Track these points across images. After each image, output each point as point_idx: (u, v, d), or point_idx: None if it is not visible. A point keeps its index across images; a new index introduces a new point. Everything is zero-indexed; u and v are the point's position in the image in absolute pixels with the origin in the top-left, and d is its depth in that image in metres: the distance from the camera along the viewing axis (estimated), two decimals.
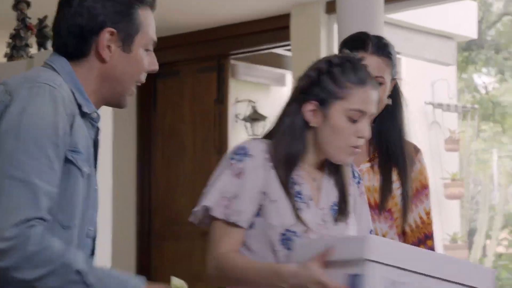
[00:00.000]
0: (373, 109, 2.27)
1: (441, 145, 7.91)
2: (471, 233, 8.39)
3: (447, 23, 7.51)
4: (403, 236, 2.57)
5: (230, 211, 2.24)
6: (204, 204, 2.27)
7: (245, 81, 7.30)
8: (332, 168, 2.34)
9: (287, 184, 2.26)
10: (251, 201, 2.25)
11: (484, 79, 12.14)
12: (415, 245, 2.55)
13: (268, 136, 2.33)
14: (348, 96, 2.25)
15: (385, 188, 2.51)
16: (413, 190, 2.55)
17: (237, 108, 7.27)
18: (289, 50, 6.42)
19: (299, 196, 2.28)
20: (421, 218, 2.54)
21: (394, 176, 2.53)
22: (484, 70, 11.83)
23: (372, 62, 2.46)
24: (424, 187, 2.57)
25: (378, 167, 2.53)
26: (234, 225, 2.25)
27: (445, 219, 7.89)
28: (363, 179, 2.49)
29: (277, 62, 7.34)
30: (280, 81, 7.57)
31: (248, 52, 6.79)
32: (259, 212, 2.27)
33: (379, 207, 2.51)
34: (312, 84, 2.28)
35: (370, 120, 2.28)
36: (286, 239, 2.26)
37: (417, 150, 2.58)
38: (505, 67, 11.27)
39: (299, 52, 6.16)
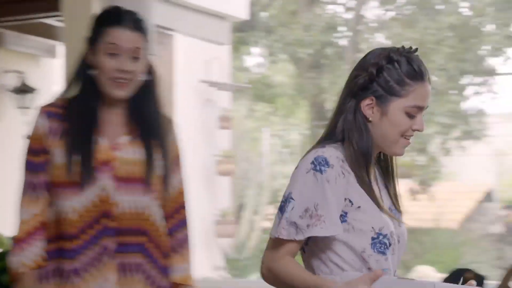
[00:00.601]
0: (427, 103, 2.23)
1: (214, 123, 8.01)
2: (240, 208, 8.57)
3: (221, 3, 7.60)
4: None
5: (314, 222, 2.15)
6: (292, 220, 2.16)
7: (13, 51, 7.05)
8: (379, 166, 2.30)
9: (369, 185, 2.20)
10: (337, 210, 2.17)
11: (257, 60, 12.43)
12: (171, 215, 2.52)
13: (329, 137, 2.25)
14: (408, 94, 2.20)
15: (150, 162, 2.48)
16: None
17: (4, 79, 7.01)
18: (61, 21, 6.25)
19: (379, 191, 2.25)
20: (175, 188, 2.53)
21: (154, 149, 2.50)
22: (257, 51, 12.10)
23: (127, 37, 2.42)
24: (177, 157, 2.56)
25: (140, 141, 2.49)
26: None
27: (216, 195, 8.01)
28: (124, 152, 2.44)
29: (48, 32, 7.13)
30: (51, 53, 7.37)
31: (17, 20, 6.54)
32: (345, 219, 2.19)
33: (145, 181, 2.47)
34: (371, 80, 2.22)
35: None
36: (379, 242, 2.19)
37: (171, 122, 2.57)
38: (276, 49, 11.57)
39: (70, 24, 5.99)
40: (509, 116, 13.00)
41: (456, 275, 3.21)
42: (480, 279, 3.16)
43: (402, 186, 10.36)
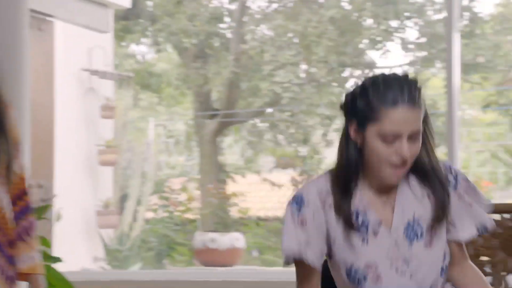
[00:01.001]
0: (409, 128, 2.20)
1: (97, 112, 7.93)
2: (123, 199, 8.53)
3: None
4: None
5: (305, 256, 2.27)
6: (286, 254, 2.30)
7: None
8: (418, 182, 2.29)
9: (348, 217, 2.25)
10: (320, 244, 2.28)
11: (141, 49, 12.35)
12: (13, 202, 2.46)
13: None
14: (380, 118, 2.19)
15: None
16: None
17: None
18: None
19: (364, 226, 2.26)
20: (17, 174, 2.47)
21: None
22: (141, 40, 12.01)
23: None
24: (17, 142, 2.48)
25: None
26: (310, 267, 2.29)
27: (99, 185, 7.94)
28: None
29: None
30: None
31: None
32: (329, 252, 2.31)
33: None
34: (350, 104, 2.25)
35: (413, 137, 2.22)
36: (351, 276, 2.27)
37: (7, 106, 2.48)
38: (160, 38, 11.52)
39: None
40: None
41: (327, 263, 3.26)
42: None
43: (285, 176, 10.47)
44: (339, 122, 11.22)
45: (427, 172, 2.29)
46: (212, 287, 6.73)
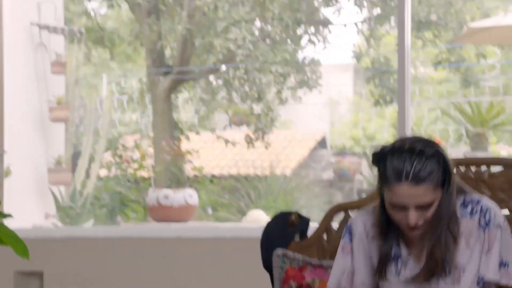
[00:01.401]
0: (414, 202, 2.37)
1: (47, 68, 7.83)
2: (76, 156, 8.46)
3: None
4: None
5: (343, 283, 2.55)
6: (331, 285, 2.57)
7: None
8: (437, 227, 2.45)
9: (385, 249, 2.47)
10: (364, 274, 2.53)
11: (94, 4, 12.21)
12: None
13: None
14: (389, 189, 2.40)
15: None
16: None
17: None
18: None
19: (397, 257, 2.49)
20: None
21: None
22: None
23: None
24: None
25: None
26: None
27: (50, 142, 7.88)
28: None
29: None
30: None
31: None
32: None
33: None
34: (376, 164, 2.45)
35: (422, 207, 2.39)
36: None
37: None
38: None
39: None
40: (341, 66, 13.34)
41: (281, 218, 3.28)
42: (304, 221, 3.25)
43: (239, 134, 10.48)
44: (293, 80, 11.24)
45: (436, 234, 2.46)
46: (166, 243, 6.74)
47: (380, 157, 2.44)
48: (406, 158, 2.37)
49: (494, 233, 2.48)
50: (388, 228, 2.50)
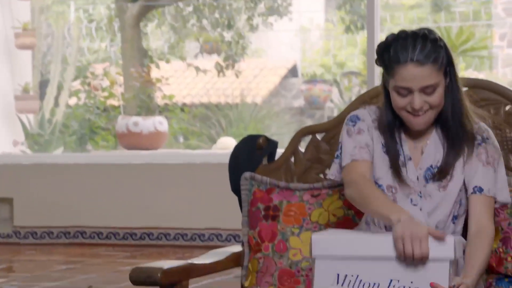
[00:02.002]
0: (418, 84, 2.46)
1: None
2: (43, 84, 8.39)
3: None
4: None
5: (361, 153, 2.60)
6: (345, 163, 2.61)
7: None
8: (443, 131, 2.55)
9: (389, 144, 2.56)
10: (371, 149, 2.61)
11: None
12: None
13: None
14: (393, 74, 2.49)
15: None
16: None
17: None
18: None
19: (399, 154, 2.56)
20: None
21: None
22: None
23: None
24: None
25: None
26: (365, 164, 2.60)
27: (16, 69, 7.80)
28: None
29: None
30: None
31: None
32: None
33: None
34: (380, 57, 2.53)
35: (427, 91, 2.48)
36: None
37: None
38: None
39: None
40: None
41: (249, 141, 3.28)
42: (272, 144, 3.24)
43: (210, 62, 10.42)
44: (263, 6, 11.14)
45: (448, 125, 2.56)
46: (135, 169, 6.74)
47: (385, 47, 2.53)
48: (410, 41, 2.48)
49: (493, 150, 2.59)
50: (393, 125, 2.60)
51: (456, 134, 2.56)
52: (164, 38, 11.52)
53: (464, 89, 2.70)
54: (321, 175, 3.00)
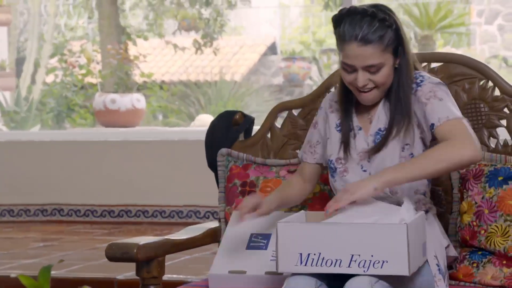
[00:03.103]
0: (362, 63, 2.49)
1: None
2: (20, 61, 8.33)
3: None
4: None
5: (306, 154, 2.77)
6: (299, 156, 2.80)
7: None
8: (389, 103, 2.58)
9: (342, 121, 2.63)
10: (325, 143, 2.71)
11: None
12: None
13: None
14: (341, 50, 2.53)
15: None
16: None
17: None
18: None
19: (350, 128, 2.63)
20: None
21: None
22: None
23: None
24: None
25: None
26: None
27: None
28: None
29: None
30: None
31: None
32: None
33: None
34: (334, 30, 2.56)
35: (371, 70, 2.50)
36: (330, 166, 2.67)
37: None
38: None
39: None
40: None
41: (225, 117, 3.28)
42: (248, 120, 3.25)
43: (188, 39, 10.37)
44: None
45: (392, 100, 2.58)
46: (113, 147, 6.72)
47: (337, 20, 2.55)
48: (358, 19, 2.49)
49: (430, 85, 2.56)
50: (347, 100, 2.64)
51: (400, 110, 2.57)
52: (143, 15, 11.46)
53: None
54: (298, 151, 3.01)
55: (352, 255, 2.33)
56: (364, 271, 2.32)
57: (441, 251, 2.60)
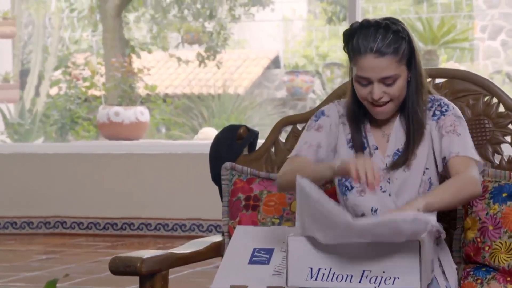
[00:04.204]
0: (377, 75, 2.48)
1: None
2: (24, 73, 8.35)
3: None
4: None
5: (306, 151, 2.62)
6: (290, 155, 2.65)
7: None
8: (405, 118, 2.57)
9: (354, 136, 2.59)
10: (328, 150, 2.62)
11: None
12: None
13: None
14: (355, 64, 2.51)
15: None
16: None
17: None
18: None
19: (364, 146, 2.59)
20: None
21: None
22: None
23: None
24: None
25: None
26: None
27: None
28: None
29: None
30: None
31: None
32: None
33: None
34: (345, 46, 2.54)
35: (386, 82, 2.50)
36: (342, 183, 2.60)
37: None
38: None
39: None
40: None
41: (229, 131, 3.28)
42: (252, 134, 3.25)
43: (191, 52, 10.41)
44: None
45: (408, 114, 2.58)
46: (116, 159, 6.72)
47: (350, 34, 2.54)
48: (372, 32, 2.49)
49: (453, 118, 2.59)
50: (358, 115, 2.62)
51: (416, 122, 2.58)
52: (147, 28, 11.50)
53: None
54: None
55: (364, 271, 2.31)
56: (375, 287, 2.31)
57: (452, 273, 2.63)
